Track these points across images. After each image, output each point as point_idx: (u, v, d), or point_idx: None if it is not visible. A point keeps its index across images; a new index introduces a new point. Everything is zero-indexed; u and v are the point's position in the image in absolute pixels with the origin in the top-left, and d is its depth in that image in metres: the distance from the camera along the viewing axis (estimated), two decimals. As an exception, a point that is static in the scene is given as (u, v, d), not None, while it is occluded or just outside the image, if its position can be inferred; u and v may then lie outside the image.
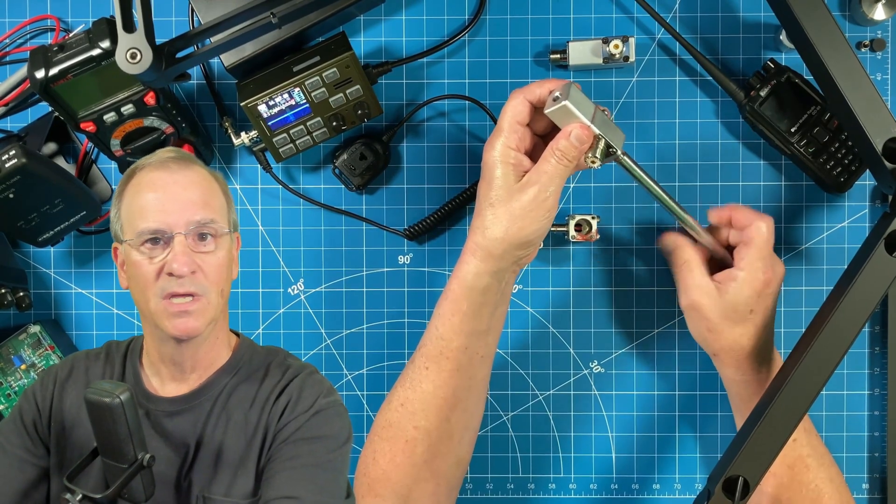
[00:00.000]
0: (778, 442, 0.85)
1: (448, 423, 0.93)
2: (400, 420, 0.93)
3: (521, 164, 0.89)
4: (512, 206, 0.88)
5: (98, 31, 0.92)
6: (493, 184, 0.89)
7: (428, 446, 0.92)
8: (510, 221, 0.88)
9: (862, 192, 1.07)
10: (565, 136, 0.87)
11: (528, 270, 1.09)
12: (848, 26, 1.06)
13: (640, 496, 1.10)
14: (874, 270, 0.85)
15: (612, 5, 1.07)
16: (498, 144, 0.89)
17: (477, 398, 0.96)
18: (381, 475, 0.93)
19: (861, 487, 1.08)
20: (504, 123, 0.90)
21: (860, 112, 0.85)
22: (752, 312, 0.94)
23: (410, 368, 0.95)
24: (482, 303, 0.91)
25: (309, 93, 0.99)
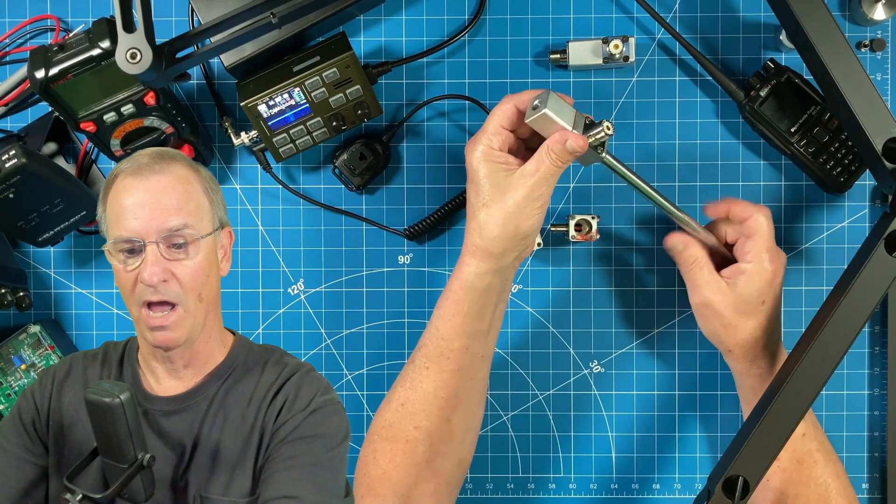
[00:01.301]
0: (778, 442, 0.85)
1: (449, 423, 0.93)
2: (400, 420, 0.93)
3: (507, 163, 0.89)
4: (506, 203, 0.88)
5: (98, 31, 0.92)
6: (481, 184, 0.89)
7: (429, 446, 0.92)
8: (505, 219, 0.88)
9: (862, 192, 1.07)
10: (560, 142, 0.86)
11: (528, 270, 1.09)
12: (848, 26, 1.06)
13: (640, 496, 1.10)
14: (874, 270, 0.85)
15: (612, 5, 1.07)
16: (481, 146, 0.89)
17: (478, 399, 0.96)
18: (382, 475, 0.93)
19: (861, 487, 1.08)
20: (489, 125, 0.90)
21: (860, 112, 0.85)
22: (764, 304, 0.94)
23: (410, 368, 0.95)
24: (484, 303, 0.91)
25: (309, 93, 0.99)
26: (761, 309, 0.94)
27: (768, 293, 0.94)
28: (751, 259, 0.93)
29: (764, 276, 0.93)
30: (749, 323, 0.95)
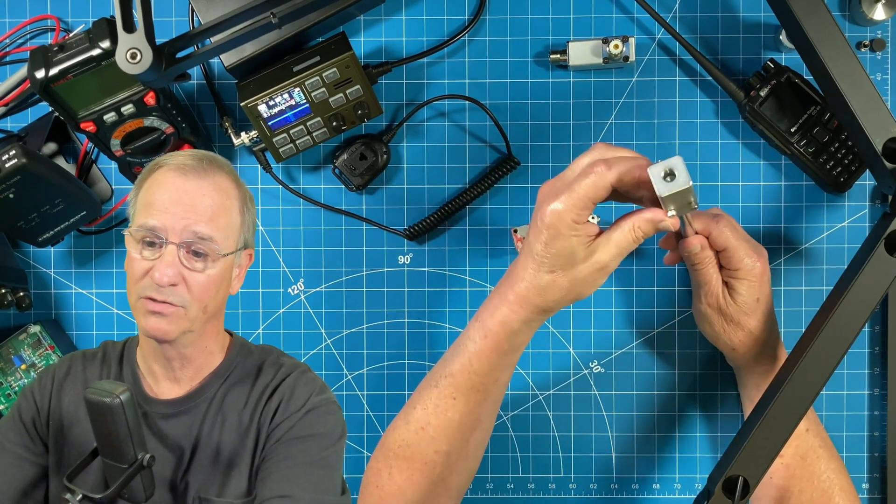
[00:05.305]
0: (778, 442, 0.85)
1: (468, 444, 0.92)
2: (419, 443, 0.91)
3: (588, 235, 0.83)
4: (577, 274, 0.83)
5: (98, 31, 0.92)
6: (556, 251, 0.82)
7: (446, 466, 0.91)
8: (571, 287, 0.84)
9: (862, 192, 1.07)
10: (652, 222, 0.81)
11: (528, 270, 1.09)
12: (848, 26, 1.06)
13: (640, 496, 1.10)
14: (874, 270, 0.85)
15: (612, 5, 1.07)
16: (569, 215, 0.80)
17: (494, 416, 0.95)
18: (397, 490, 0.92)
19: (861, 487, 1.08)
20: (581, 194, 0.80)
21: (860, 112, 0.85)
22: (759, 301, 0.95)
23: (434, 393, 0.91)
24: (523, 341, 0.89)
25: (309, 93, 0.99)
26: (757, 306, 0.95)
27: (761, 291, 0.95)
28: (735, 266, 0.93)
29: (752, 275, 0.93)
30: (750, 321, 0.96)
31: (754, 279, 0.94)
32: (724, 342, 0.98)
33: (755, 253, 0.94)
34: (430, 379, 0.92)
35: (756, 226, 1.07)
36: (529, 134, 1.07)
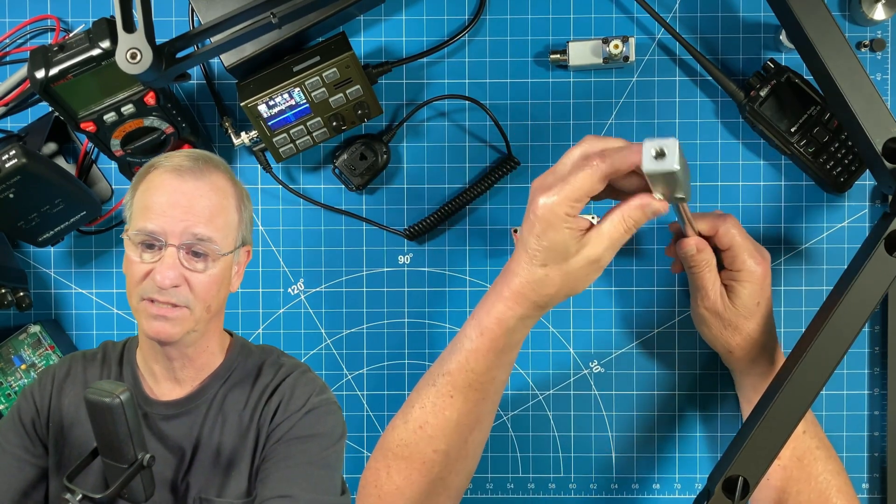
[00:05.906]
0: (778, 442, 0.85)
1: (466, 443, 0.92)
2: (418, 442, 0.91)
3: (580, 228, 0.82)
4: (569, 268, 0.83)
5: (98, 31, 0.92)
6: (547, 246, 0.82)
7: (445, 466, 0.91)
8: (564, 281, 0.83)
9: (862, 192, 1.07)
10: (641, 208, 0.80)
11: (528, 270, 1.08)
12: (848, 26, 1.06)
13: (640, 496, 1.10)
14: (874, 270, 0.85)
15: (612, 5, 1.07)
16: (562, 208, 0.80)
17: (493, 416, 0.95)
18: (395, 490, 0.92)
19: (861, 487, 1.08)
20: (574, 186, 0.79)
21: (860, 112, 0.85)
22: (759, 304, 0.95)
23: (432, 392, 0.91)
24: (520, 339, 0.89)
25: (309, 93, 0.99)
26: (757, 310, 0.95)
27: (761, 294, 0.95)
28: (738, 267, 0.94)
29: (754, 278, 0.94)
30: (749, 324, 0.96)
31: (756, 282, 0.94)
32: (721, 345, 0.99)
33: (759, 255, 0.94)
34: (427, 378, 0.92)
35: (756, 226, 1.07)
36: (529, 134, 1.07)
